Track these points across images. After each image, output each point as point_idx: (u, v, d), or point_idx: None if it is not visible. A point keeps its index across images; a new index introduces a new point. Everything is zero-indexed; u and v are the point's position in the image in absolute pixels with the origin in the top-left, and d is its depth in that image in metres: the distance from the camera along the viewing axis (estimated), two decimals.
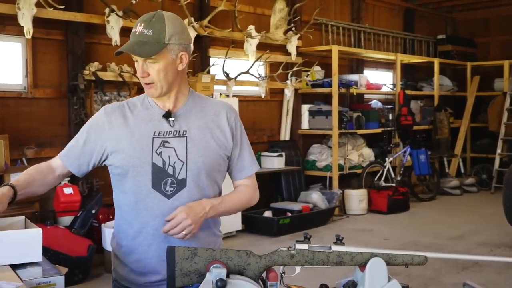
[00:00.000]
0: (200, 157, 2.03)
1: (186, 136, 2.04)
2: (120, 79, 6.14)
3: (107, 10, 5.84)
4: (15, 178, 2.01)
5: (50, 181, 2.11)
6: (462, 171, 10.71)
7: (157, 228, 2.00)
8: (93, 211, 5.28)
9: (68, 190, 5.31)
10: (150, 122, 2.04)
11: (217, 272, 1.64)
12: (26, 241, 1.74)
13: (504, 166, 9.52)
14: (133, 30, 2.01)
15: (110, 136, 2.04)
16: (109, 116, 2.07)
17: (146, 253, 2.03)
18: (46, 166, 2.11)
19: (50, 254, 4.61)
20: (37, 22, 5.40)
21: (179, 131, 2.04)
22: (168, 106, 2.06)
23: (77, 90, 5.78)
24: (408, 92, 9.89)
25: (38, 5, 5.26)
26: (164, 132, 2.03)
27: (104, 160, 2.09)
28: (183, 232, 1.93)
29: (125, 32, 6.07)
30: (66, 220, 5.38)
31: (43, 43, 5.80)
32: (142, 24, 1.97)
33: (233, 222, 6.72)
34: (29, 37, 5.29)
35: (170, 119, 2.04)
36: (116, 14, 5.85)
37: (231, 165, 2.16)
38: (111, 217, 5.71)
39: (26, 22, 5.20)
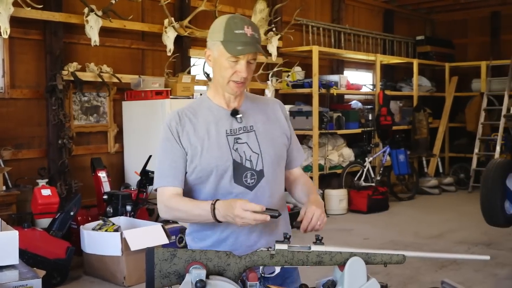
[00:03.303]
0: (271, 147, 2.18)
1: (254, 130, 2.16)
2: (99, 80, 6.10)
3: (86, 10, 5.79)
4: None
5: None
6: (441, 170, 10.81)
7: None
8: (72, 213, 5.23)
9: (46, 192, 5.25)
10: (219, 122, 2.14)
11: (196, 273, 1.64)
12: (2, 244, 1.71)
13: (482, 166, 9.62)
14: (238, 31, 2.02)
15: (187, 144, 2.10)
16: (177, 126, 2.12)
17: (234, 245, 2.10)
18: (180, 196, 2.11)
19: (28, 257, 4.56)
20: (15, 21, 5.34)
21: (246, 126, 2.16)
22: (232, 105, 2.17)
23: (56, 90, 5.72)
24: (388, 92, 9.96)
25: (15, 4, 5.19)
26: (234, 129, 2.14)
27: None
28: (318, 222, 2.03)
29: (104, 32, 6.03)
30: (44, 222, 5.32)
31: (20, 43, 5.73)
32: (250, 27, 2.04)
33: None
34: (6, 36, 5.22)
35: (238, 116, 2.15)
36: (96, 14, 5.80)
37: (289, 153, 2.30)
38: (90, 218, 5.67)
39: (3, 21, 5.12)
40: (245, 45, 2.01)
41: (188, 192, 2.14)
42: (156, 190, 2.14)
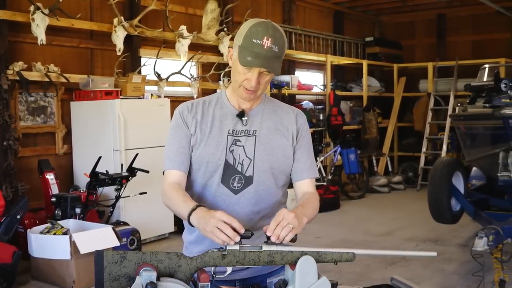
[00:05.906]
0: (267, 156, 2.12)
1: (255, 135, 2.13)
2: (46, 79, 5.95)
3: (32, 8, 5.64)
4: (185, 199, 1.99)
5: None
6: (390, 169, 11.02)
7: None
8: (18, 216, 5.08)
9: None
10: (225, 121, 2.14)
11: (147, 276, 1.62)
12: None
13: (429, 164, 9.88)
14: (256, 41, 1.97)
15: (193, 132, 2.13)
16: (188, 114, 2.15)
17: (212, 244, 1.93)
18: (180, 185, 2.09)
19: None
20: None
21: (250, 130, 2.14)
22: (243, 106, 2.15)
23: (0, 90, 5.56)
24: (338, 92, 10.10)
25: None
26: (237, 131, 2.13)
27: None
28: (286, 230, 1.77)
29: (51, 30, 5.89)
30: None
31: None
32: (270, 39, 1.97)
33: (165, 224, 6.64)
34: None
35: (244, 118, 2.13)
36: (42, 12, 5.65)
37: (293, 165, 2.19)
38: (37, 222, 5.53)
39: None
40: (256, 57, 1.97)
41: (187, 181, 2.16)
42: (163, 173, 2.15)
